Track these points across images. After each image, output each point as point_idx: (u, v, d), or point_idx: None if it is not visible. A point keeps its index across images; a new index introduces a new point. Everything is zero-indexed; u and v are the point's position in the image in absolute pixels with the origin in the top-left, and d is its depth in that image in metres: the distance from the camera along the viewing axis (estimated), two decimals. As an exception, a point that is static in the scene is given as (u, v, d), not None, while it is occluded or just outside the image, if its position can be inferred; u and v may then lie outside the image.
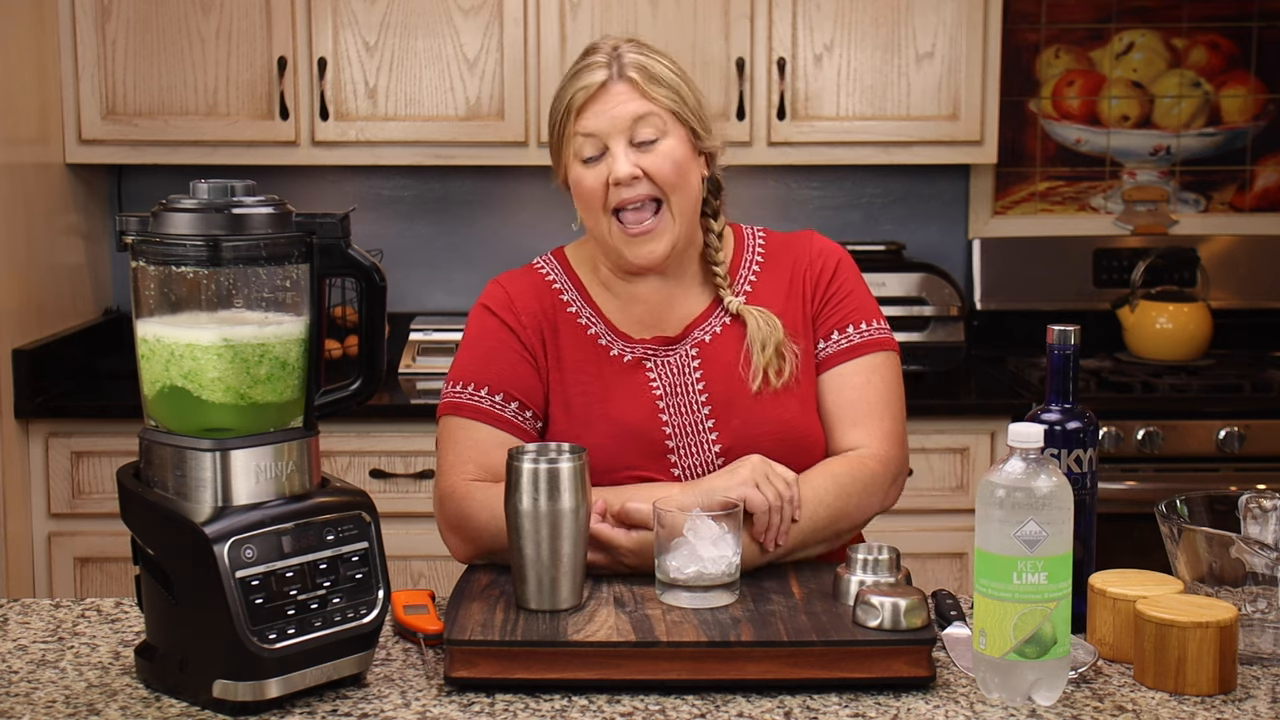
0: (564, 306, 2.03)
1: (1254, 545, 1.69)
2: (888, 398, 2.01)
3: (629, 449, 1.95)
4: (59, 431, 3.34)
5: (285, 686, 1.54)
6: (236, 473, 1.55)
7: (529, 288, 2.04)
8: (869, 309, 2.05)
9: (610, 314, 2.03)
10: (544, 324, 2.01)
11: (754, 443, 1.94)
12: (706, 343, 2.01)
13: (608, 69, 1.95)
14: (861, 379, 2.01)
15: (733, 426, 1.97)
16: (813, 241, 2.08)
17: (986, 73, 3.59)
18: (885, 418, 2.00)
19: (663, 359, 2.00)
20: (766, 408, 1.98)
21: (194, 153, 3.57)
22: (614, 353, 2.01)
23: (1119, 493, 3.33)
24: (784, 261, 2.06)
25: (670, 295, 2.03)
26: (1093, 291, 3.93)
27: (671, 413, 1.98)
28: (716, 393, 1.98)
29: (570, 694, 1.59)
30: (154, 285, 1.58)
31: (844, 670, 1.59)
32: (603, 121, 1.93)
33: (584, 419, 1.97)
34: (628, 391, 1.98)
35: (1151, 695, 1.60)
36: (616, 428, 1.96)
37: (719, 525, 1.72)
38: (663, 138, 1.94)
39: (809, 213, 3.98)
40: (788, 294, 2.04)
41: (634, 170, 1.92)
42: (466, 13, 3.55)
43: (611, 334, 2.01)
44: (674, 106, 1.96)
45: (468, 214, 3.97)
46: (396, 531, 2.07)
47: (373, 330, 1.65)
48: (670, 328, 2.03)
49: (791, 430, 1.97)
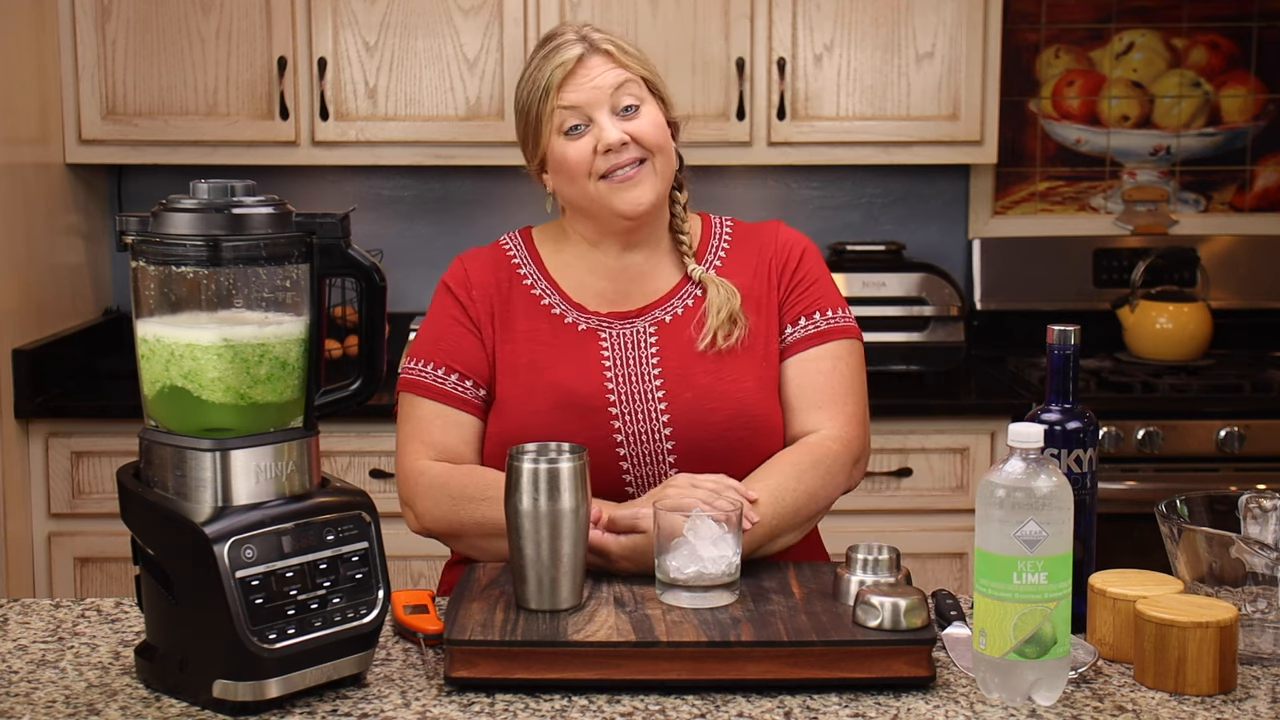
0: (520, 279, 2.07)
1: (1254, 545, 1.69)
2: (851, 383, 2.03)
3: (570, 416, 1.96)
4: (59, 431, 3.34)
5: (285, 686, 1.54)
6: (236, 473, 1.55)
7: (487, 262, 2.09)
8: (833, 297, 2.07)
9: (569, 287, 2.06)
10: (495, 296, 2.06)
11: (704, 417, 1.95)
12: (666, 322, 2.03)
13: (580, 44, 2.00)
14: (827, 364, 2.03)
15: (684, 400, 1.97)
16: (779, 231, 2.11)
17: (986, 73, 3.60)
18: (848, 402, 2.02)
19: (618, 330, 2.03)
20: (721, 384, 1.98)
21: (194, 153, 3.57)
22: (568, 320, 2.03)
23: (1119, 493, 3.33)
24: (751, 247, 2.09)
25: (639, 270, 2.06)
26: (1093, 291, 3.93)
27: (619, 382, 1.99)
28: (670, 367, 2.00)
29: (570, 694, 1.59)
30: (154, 285, 1.58)
31: (844, 670, 1.59)
32: (584, 93, 1.98)
33: (529, 385, 1.99)
34: (577, 359, 2.00)
35: (1151, 695, 1.60)
36: (559, 393, 1.98)
37: (719, 525, 1.72)
38: (643, 103, 2.00)
39: (809, 213, 3.98)
40: (753, 275, 2.06)
41: (623, 136, 1.97)
42: (466, 13, 3.55)
43: (566, 304, 2.05)
44: (647, 75, 2.02)
45: (468, 214, 3.97)
46: (396, 531, 2.07)
47: (373, 330, 1.65)
48: (634, 302, 2.05)
49: (745, 408, 1.97)
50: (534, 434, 1.89)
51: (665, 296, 2.05)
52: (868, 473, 2.17)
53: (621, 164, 1.98)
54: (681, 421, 1.97)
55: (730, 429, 1.96)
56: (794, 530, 1.95)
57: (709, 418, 1.96)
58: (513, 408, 2.00)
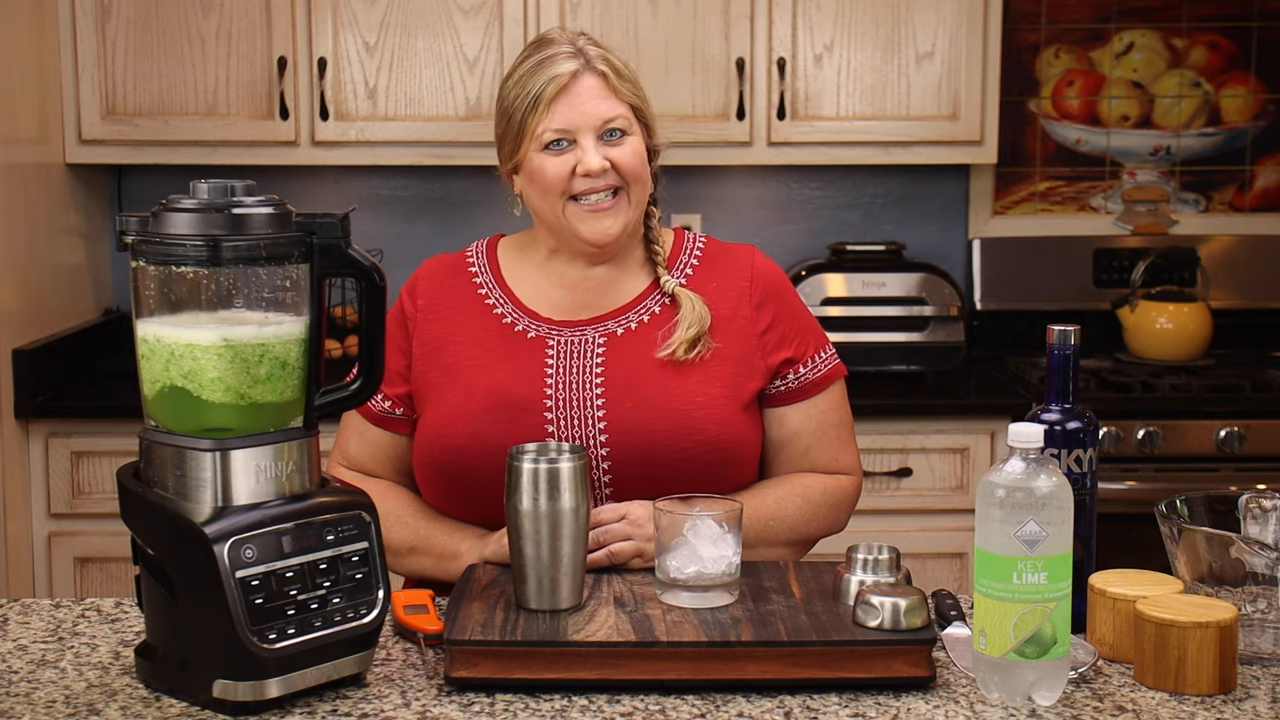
0: (475, 288, 2.08)
1: (1254, 545, 1.69)
2: (850, 422, 2.11)
3: (501, 416, 1.96)
4: (59, 431, 3.34)
5: (285, 686, 1.54)
6: (236, 473, 1.55)
7: (443, 268, 2.12)
8: (819, 335, 2.10)
9: (524, 295, 2.06)
10: (443, 302, 2.07)
11: (643, 425, 1.94)
12: (618, 334, 2.02)
13: (576, 59, 1.98)
14: (833, 409, 2.08)
15: (624, 408, 1.96)
16: (755, 257, 2.10)
17: (986, 73, 3.60)
18: (852, 441, 2.11)
19: (566, 338, 2.02)
20: (667, 396, 1.97)
21: (194, 153, 3.57)
22: (518, 328, 2.03)
23: (1119, 493, 3.33)
24: (721, 266, 2.08)
25: (599, 282, 2.05)
26: (1093, 291, 3.93)
27: (558, 388, 1.98)
28: (614, 376, 1.98)
29: (570, 694, 1.59)
30: (154, 285, 1.58)
31: (844, 670, 1.59)
32: (574, 116, 1.97)
33: (467, 386, 1.99)
34: (519, 364, 2.00)
35: (1151, 695, 1.60)
36: (493, 394, 1.98)
37: (719, 525, 1.72)
38: (628, 132, 1.99)
39: (809, 213, 3.98)
40: (719, 294, 2.04)
41: (604, 164, 1.96)
42: (466, 13, 3.55)
43: (519, 312, 2.05)
44: (636, 103, 2.01)
45: (468, 214, 3.97)
46: (396, 531, 2.10)
47: (373, 330, 1.65)
48: (589, 312, 2.04)
49: (690, 421, 1.95)
50: (462, 430, 1.95)
51: (623, 308, 2.04)
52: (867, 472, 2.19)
53: (597, 189, 1.97)
54: (618, 429, 1.95)
55: (670, 440, 1.94)
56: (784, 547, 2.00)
57: (648, 426, 1.94)
58: (446, 406, 1.99)
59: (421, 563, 2.01)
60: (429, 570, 2.01)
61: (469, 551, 1.95)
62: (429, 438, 1.99)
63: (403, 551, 2.02)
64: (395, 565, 2.02)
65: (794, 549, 2.04)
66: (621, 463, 1.95)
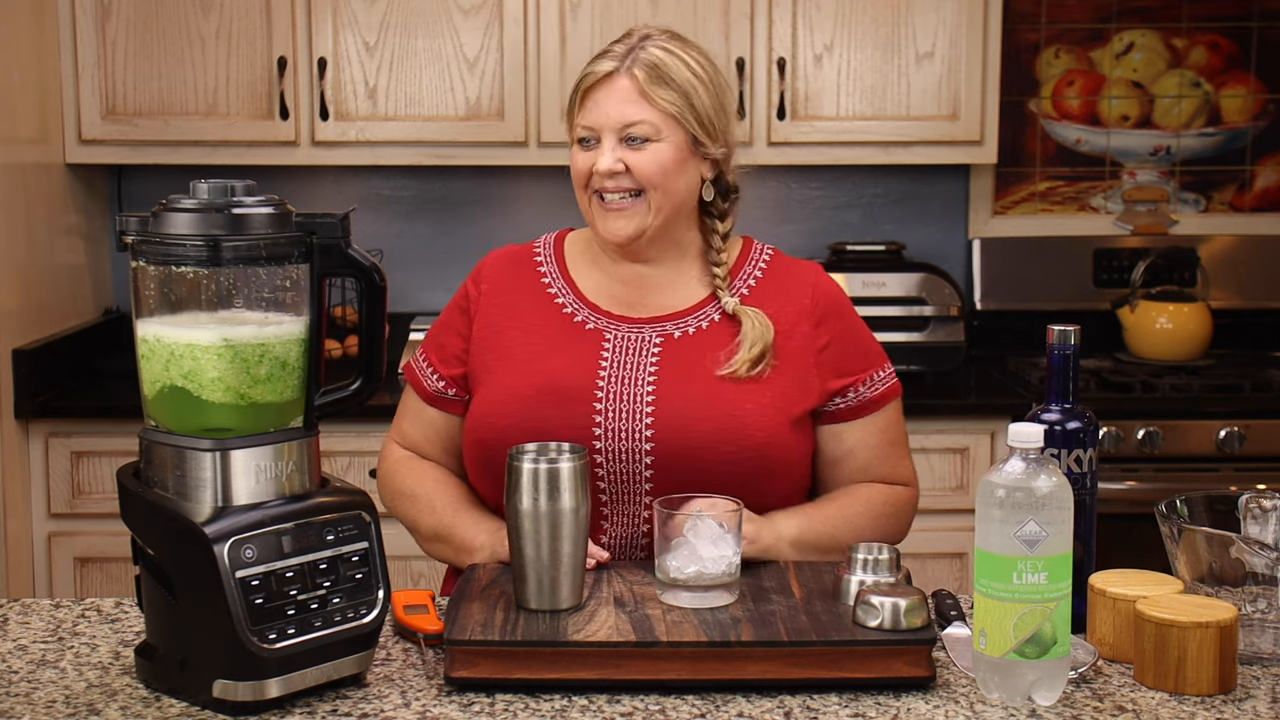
0: (539, 278, 2.09)
1: (1254, 545, 1.69)
2: (904, 437, 2.13)
3: (551, 402, 1.97)
4: (59, 431, 3.34)
5: (285, 686, 1.54)
6: (236, 473, 1.55)
7: (510, 258, 2.13)
8: (878, 353, 2.10)
9: (586, 288, 2.08)
10: (505, 288, 2.09)
11: (690, 425, 1.95)
12: (675, 337, 2.02)
13: (620, 60, 1.99)
14: (889, 422, 2.09)
15: (672, 406, 1.96)
16: (819, 276, 2.10)
17: (986, 73, 3.60)
18: (907, 455, 2.12)
19: (624, 333, 2.03)
20: (716, 400, 1.97)
21: (194, 153, 3.57)
22: (577, 319, 2.05)
23: (1119, 493, 3.33)
24: (785, 281, 2.07)
25: (654, 281, 2.06)
26: (1093, 291, 3.93)
27: (610, 380, 1.99)
28: (667, 376, 1.99)
29: (570, 694, 1.59)
30: (154, 285, 1.58)
31: (844, 670, 1.59)
32: (598, 116, 1.99)
33: (522, 370, 2.01)
34: (573, 354, 2.01)
35: (1151, 695, 1.60)
36: (547, 379, 1.99)
37: (719, 525, 1.72)
38: (654, 140, 1.98)
39: (809, 213, 3.99)
40: (780, 309, 2.04)
41: (616, 166, 1.97)
42: (466, 13, 3.55)
43: (579, 303, 2.06)
44: (674, 111, 1.98)
45: (468, 214, 3.97)
46: (397, 531, 2.08)
47: (373, 330, 1.65)
48: (647, 311, 2.05)
49: (737, 426, 1.95)
50: (510, 411, 1.97)
51: (682, 312, 2.04)
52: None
53: (613, 190, 1.98)
54: (665, 425, 1.95)
55: (716, 443, 1.94)
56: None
57: (694, 426, 1.95)
58: (498, 387, 2.02)
59: (443, 551, 2.04)
60: (449, 559, 2.04)
61: (484, 547, 1.95)
62: (477, 417, 2.02)
63: (429, 537, 2.05)
64: (424, 549, 2.08)
65: None
66: (664, 460, 1.95)
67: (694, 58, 2.00)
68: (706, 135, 2.00)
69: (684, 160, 1.99)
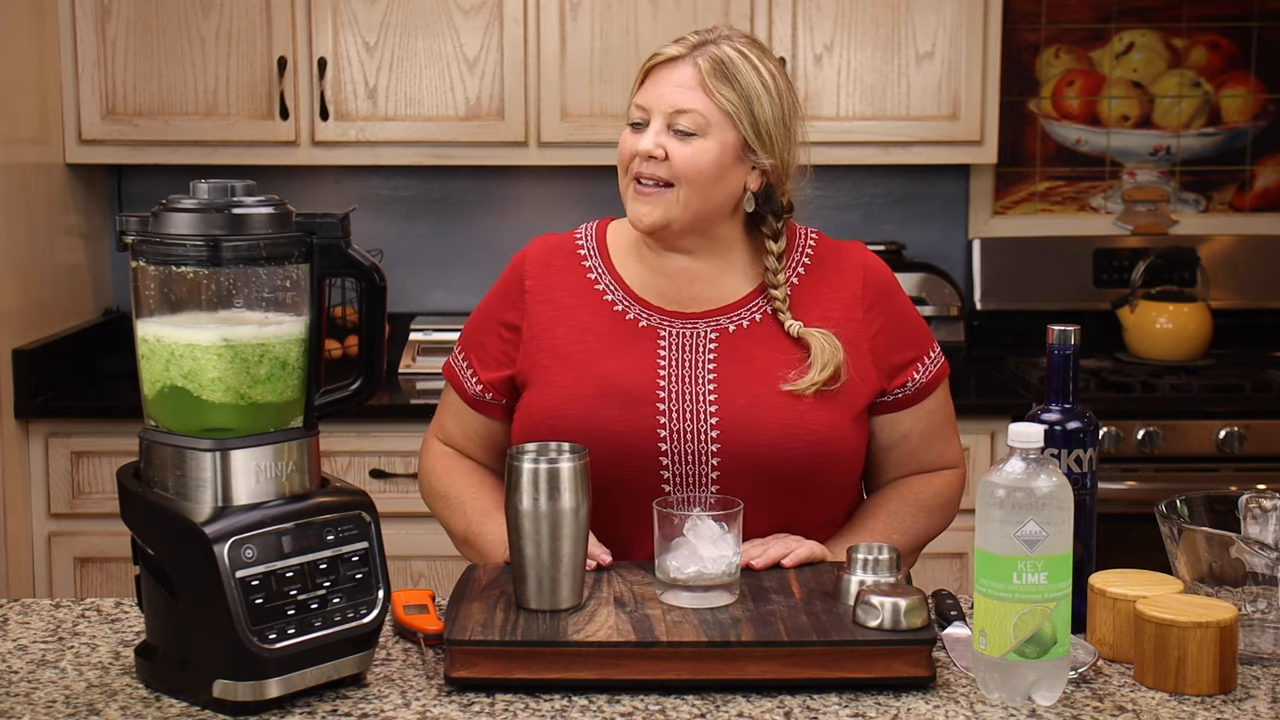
0: (584, 271, 2.05)
1: (1254, 545, 1.69)
2: (953, 416, 2.12)
3: (614, 404, 1.95)
4: (59, 431, 3.34)
5: (285, 686, 1.54)
6: (236, 473, 1.55)
7: (554, 249, 2.08)
8: (926, 334, 2.09)
9: (632, 282, 2.04)
10: (550, 284, 2.05)
11: (756, 423, 1.93)
12: (730, 331, 2.00)
13: (690, 49, 1.95)
14: (939, 404, 2.08)
15: (737, 405, 1.95)
16: (866, 256, 2.08)
17: (986, 73, 3.60)
18: (955, 434, 2.12)
19: (678, 330, 2.00)
20: (779, 395, 1.95)
21: (194, 153, 3.57)
22: (629, 316, 2.01)
23: (1119, 493, 3.33)
24: (833, 265, 2.05)
25: (699, 275, 2.02)
26: (1093, 291, 3.93)
27: (671, 381, 1.97)
28: (727, 373, 1.97)
29: (570, 694, 1.59)
30: (154, 285, 1.58)
31: (844, 670, 1.59)
32: (652, 96, 1.95)
33: (579, 372, 1.98)
34: (633, 354, 1.99)
35: (1151, 695, 1.60)
36: (608, 382, 1.96)
37: (719, 525, 1.72)
38: (701, 136, 1.93)
39: (809, 213, 3.93)
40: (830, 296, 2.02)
41: (656, 150, 1.93)
42: (466, 13, 3.55)
43: (629, 299, 2.02)
44: (729, 109, 1.93)
45: (468, 214, 3.97)
46: (396, 531, 2.09)
47: (373, 330, 1.65)
48: (697, 305, 2.02)
49: (802, 421, 1.94)
50: (574, 413, 1.94)
51: (731, 306, 2.01)
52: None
53: (648, 176, 1.94)
54: (730, 425, 1.94)
55: (781, 439, 1.93)
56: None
57: (761, 424, 1.93)
58: (555, 389, 1.98)
59: (471, 555, 2.02)
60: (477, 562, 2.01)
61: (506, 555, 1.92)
62: (538, 419, 1.97)
63: (459, 540, 2.05)
64: (457, 550, 2.08)
65: (911, 556, 2.06)
66: (730, 458, 1.94)
67: (767, 67, 1.96)
68: (760, 143, 1.94)
69: (727, 164, 1.94)
